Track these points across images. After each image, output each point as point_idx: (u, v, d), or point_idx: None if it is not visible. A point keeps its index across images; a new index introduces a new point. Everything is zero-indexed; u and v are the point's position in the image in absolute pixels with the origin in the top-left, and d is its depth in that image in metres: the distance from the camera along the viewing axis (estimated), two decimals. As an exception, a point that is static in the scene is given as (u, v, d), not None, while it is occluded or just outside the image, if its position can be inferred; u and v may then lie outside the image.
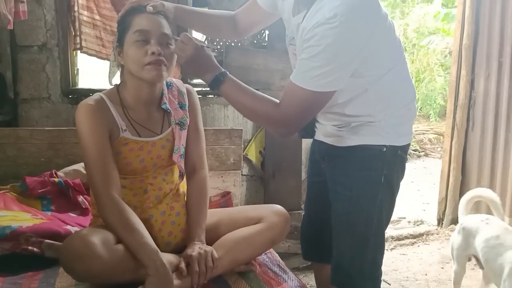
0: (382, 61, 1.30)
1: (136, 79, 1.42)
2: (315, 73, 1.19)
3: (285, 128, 1.33)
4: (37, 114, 2.39)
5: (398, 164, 1.40)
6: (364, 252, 1.40)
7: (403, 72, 1.39)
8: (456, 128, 3.44)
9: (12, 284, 1.37)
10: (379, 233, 1.42)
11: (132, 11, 1.41)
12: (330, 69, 1.18)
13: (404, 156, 1.42)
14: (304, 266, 2.68)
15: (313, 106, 1.27)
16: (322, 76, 1.19)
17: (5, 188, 1.90)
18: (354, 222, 1.39)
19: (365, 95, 1.32)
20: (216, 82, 1.32)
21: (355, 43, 1.19)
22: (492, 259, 1.94)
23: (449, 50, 7.60)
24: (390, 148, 1.36)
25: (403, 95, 1.38)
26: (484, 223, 2.06)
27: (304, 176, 2.80)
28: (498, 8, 3.19)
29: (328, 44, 1.16)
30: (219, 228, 1.52)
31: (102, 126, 1.39)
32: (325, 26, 1.16)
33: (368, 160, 1.36)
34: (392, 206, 1.45)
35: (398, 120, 1.37)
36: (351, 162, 1.38)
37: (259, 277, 1.48)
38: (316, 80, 1.20)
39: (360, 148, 1.36)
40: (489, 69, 3.27)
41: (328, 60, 1.18)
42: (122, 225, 1.32)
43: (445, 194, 3.54)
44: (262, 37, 2.72)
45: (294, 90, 1.23)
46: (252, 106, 1.32)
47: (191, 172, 1.58)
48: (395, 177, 1.40)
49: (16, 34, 2.31)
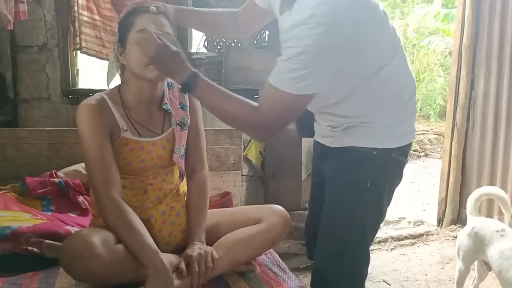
0: (373, 59, 1.24)
1: (138, 78, 1.42)
2: (294, 75, 1.14)
3: (265, 132, 1.28)
4: (37, 114, 2.39)
5: (392, 168, 1.33)
6: (343, 257, 1.35)
7: (399, 67, 1.31)
8: (456, 128, 3.43)
9: (12, 284, 1.37)
10: (360, 239, 1.36)
11: (134, 11, 1.42)
12: (309, 71, 1.13)
13: (401, 159, 1.35)
14: (304, 266, 2.68)
15: (293, 109, 1.21)
16: (300, 78, 1.14)
17: (5, 188, 1.90)
18: (334, 226, 1.35)
19: (357, 95, 1.26)
20: (186, 88, 1.27)
21: (335, 44, 1.13)
22: (505, 270, 1.94)
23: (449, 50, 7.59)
24: (382, 151, 1.30)
25: (399, 92, 1.32)
26: (499, 235, 2.02)
27: (304, 176, 2.80)
28: (498, 8, 3.19)
29: (306, 46, 1.12)
30: (219, 229, 1.52)
31: (103, 126, 1.39)
32: (302, 27, 1.12)
33: (356, 163, 1.31)
34: (380, 212, 1.38)
35: (395, 120, 1.31)
36: (339, 164, 1.34)
37: (259, 278, 1.48)
38: (295, 83, 1.15)
39: (349, 150, 1.31)
40: (489, 69, 3.27)
41: (307, 62, 1.13)
42: (123, 225, 1.32)
43: (445, 194, 3.54)
44: (262, 37, 2.72)
45: (273, 93, 1.18)
46: (230, 110, 1.25)
47: (191, 172, 1.58)
48: (386, 182, 1.34)
49: (16, 34, 2.31)
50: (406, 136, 1.35)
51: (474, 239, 2.12)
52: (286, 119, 1.25)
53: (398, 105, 1.31)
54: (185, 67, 1.28)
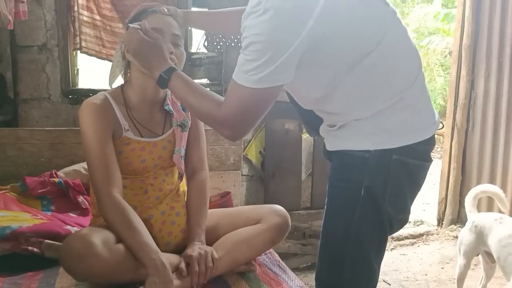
0: (350, 46, 1.08)
1: (145, 77, 1.42)
2: (248, 68, 1.04)
3: (228, 131, 1.16)
4: (37, 114, 2.39)
5: (397, 172, 1.14)
6: (341, 272, 1.20)
7: (390, 54, 1.12)
8: (456, 128, 3.44)
9: (12, 284, 1.37)
10: (358, 253, 1.19)
11: (145, 11, 1.44)
12: (263, 62, 1.03)
13: (410, 161, 1.15)
14: (304, 266, 2.69)
15: (253, 105, 1.09)
16: (255, 70, 1.04)
17: (5, 188, 1.90)
18: (330, 237, 1.23)
19: (340, 88, 1.11)
20: (161, 81, 1.24)
21: (288, 31, 1.02)
22: (504, 258, 1.98)
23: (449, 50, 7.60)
24: (377, 153, 1.12)
25: (391, 83, 1.13)
26: (497, 222, 2.08)
27: (304, 176, 2.80)
28: (498, 8, 3.19)
29: (255, 35, 1.03)
30: (219, 229, 1.52)
31: (105, 125, 1.40)
32: (251, 16, 1.04)
33: (347, 169, 1.17)
34: (382, 224, 1.19)
35: (389, 115, 1.13)
36: (333, 170, 1.22)
37: (259, 277, 1.48)
38: (250, 76, 1.04)
39: (342, 154, 1.18)
40: (489, 69, 3.27)
41: (259, 53, 1.03)
42: (123, 225, 1.32)
43: (445, 194, 3.54)
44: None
45: (232, 88, 1.10)
46: (197, 105, 1.19)
47: (192, 173, 1.58)
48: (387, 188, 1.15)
49: (16, 34, 2.31)
50: (412, 133, 1.15)
51: (475, 232, 2.17)
52: (248, 116, 1.11)
53: (390, 97, 1.12)
54: (163, 61, 1.26)
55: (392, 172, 1.14)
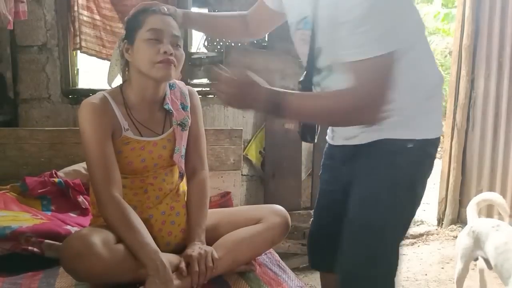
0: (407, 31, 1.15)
1: (144, 77, 1.42)
2: (376, 35, 1.06)
3: (373, 110, 1.10)
4: (37, 114, 2.40)
5: (424, 164, 1.24)
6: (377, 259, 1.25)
7: (428, 50, 1.24)
8: (456, 128, 3.44)
9: (12, 284, 1.37)
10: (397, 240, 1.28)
11: (145, 10, 1.44)
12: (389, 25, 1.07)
13: (434, 153, 1.24)
14: (304, 266, 2.68)
15: (387, 73, 1.09)
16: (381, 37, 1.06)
17: (5, 188, 1.90)
18: (367, 226, 1.23)
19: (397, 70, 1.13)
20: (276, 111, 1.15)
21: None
22: (500, 264, 2.01)
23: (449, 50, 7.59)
24: (418, 143, 1.19)
25: (430, 77, 1.22)
26: (494, 230, 2.11)
27: (304, 176, 2.80)
28: (498, 8, 3.19)
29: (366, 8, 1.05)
30: (219, 228, 1.52)
31: (105, 124, 1.40)
32: None
33: (391, 157, 1.20)
34: (412, 213, 1.28)
35: (428, 108, 1.21)
36: (373, 160, 1.23)
37: (259, 277, 1.48)
38: (379, 43, 1.06)
39: (383, 143, 1.21)
40: (489, 69, 3.27)
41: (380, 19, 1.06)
42: (123, 224, 1.32)
43: (445, 194, 3.54)
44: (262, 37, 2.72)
45: (365, 66, 1.07)
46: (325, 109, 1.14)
47: (192, 173, 1.58)
48: (421, 177, 1.24)
49: (16, 34, 2.31)
50: (438, 129, 1.26)
51: (472, 237, 2.20)
52: (385, 88, 1.10)
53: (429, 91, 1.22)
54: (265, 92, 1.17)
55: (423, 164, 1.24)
